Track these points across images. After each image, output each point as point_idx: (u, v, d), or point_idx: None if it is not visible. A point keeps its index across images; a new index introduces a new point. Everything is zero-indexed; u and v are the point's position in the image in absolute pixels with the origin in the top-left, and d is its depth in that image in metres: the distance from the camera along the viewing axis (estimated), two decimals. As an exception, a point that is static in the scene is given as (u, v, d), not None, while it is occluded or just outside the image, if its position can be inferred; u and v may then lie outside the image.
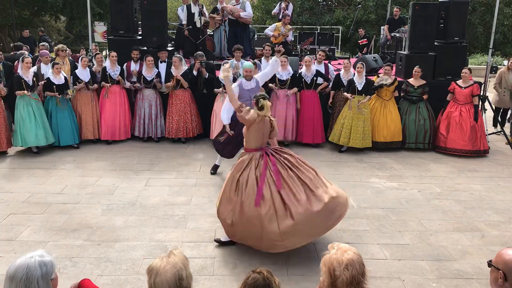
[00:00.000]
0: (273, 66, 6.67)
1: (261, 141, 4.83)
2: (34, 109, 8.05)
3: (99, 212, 5.79)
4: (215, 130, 8.75)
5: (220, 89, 8.49)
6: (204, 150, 8.62)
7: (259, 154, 4.76)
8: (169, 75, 8.88)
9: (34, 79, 8.09)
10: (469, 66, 9.68)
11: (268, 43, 9.80)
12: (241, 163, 4.77)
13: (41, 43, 10.27)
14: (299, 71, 9.12)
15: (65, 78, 8.48)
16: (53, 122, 8.35)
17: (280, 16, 11.99)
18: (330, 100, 9.07)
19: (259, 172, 4.61)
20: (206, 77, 8.90)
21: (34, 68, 8.55)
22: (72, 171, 7.31)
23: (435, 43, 9.93)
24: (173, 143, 9.05)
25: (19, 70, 8.08)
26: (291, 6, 12.52)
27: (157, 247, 4.91)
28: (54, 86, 8.26)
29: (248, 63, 6.89)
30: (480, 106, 8.89)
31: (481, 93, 8.98)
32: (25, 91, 7.85)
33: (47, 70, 8.73)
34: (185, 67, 9.05)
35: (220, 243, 4.99)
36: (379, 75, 9.11)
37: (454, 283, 4.37)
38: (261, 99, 4.68)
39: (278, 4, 12.44)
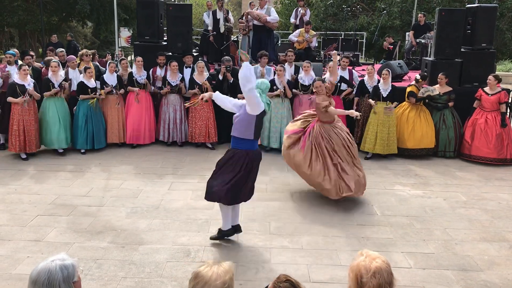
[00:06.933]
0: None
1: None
2: (59, 111, 8.27)
3: (123, 215, 5.87)
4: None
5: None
6: (227, 155, 8.64)
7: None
8: (192, 81, 8.96)
9: (63, 82, 8.31)
10: (497, 73, 9.49)
11: (291, 49, 9.82)
12: None
13: (59, 49, 10.43)
14: (323, 77, 9.08)
15: (97, 82, 8.68)
16: (89, 126, 8.54)
17: (298, 22, 11.98)
18: (355, 107, 9.02)
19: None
20: (231, 81, 8.96)
21: (62, 73, 8.74)
22: (97, 174, 7.43)
23: (462, 50, 9.77)
24: (196, 147, 9.12)
25: (49, 74, 8.30)
26: (308, 12, 12.52)
27: (180, 251, 4.94)
28: (89, 90, 8.47)
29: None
30: (508, 113, 8.71)
31: (509, 100, 8.80)
32: (54, 90, 8.11)
33: (74, 75, 8.93)
34: (206, 73, 9.12)
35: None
36: (419, 85, 8.78)
37: (481, 294, 4.29)
38: None
39: (295, 11, 12.43)
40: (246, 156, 4.88)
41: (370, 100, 8.52)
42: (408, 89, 8.75)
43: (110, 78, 8.87)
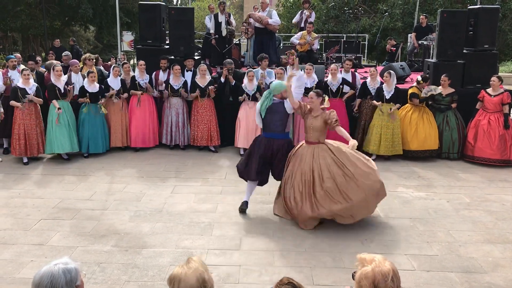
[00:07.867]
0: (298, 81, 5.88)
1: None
2: (67, 116, 8.29)
3: (126, 218, 5.88)
4: (239, 138, 8.81)
5: (243, 96, 8.61)
6: (230, 157, 8.66)
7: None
8: (194, 84, 8.97)
9: (66, 86, 8.34)
10: (499, 74, 9.48)
11: (292, 52, 9.82)
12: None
13: (64, 53, 10.48)
14: (325, 80, 9.10)
15: (100, 87, 8.68)
16: (85, 130, 8.54)
17: (302, 24, 11.99)
18: (356, 108, 9.01)
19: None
20: (233, 84, 8.97)
21: (65, 77, 8.77)
22: (101, 178, 7.45)
23: (464, 51, 9.76)
24: (199, 150, 9.13)
25: (52, 79, 8.33)
26: (313, 14, 12.54)
27: (183, 254, 4.94)
28: (88, 94, 8.47)
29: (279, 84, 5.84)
30: (510, 114, 8.69)
31: (512, 102, 8.78)
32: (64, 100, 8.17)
33: (77, 79, 8.95)
34: (208, 76, 9.14)
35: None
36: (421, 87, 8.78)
37: (485, 296, 4.27)
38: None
39: (299, 13, 12.43)
40: (255, 141, 6.08)
41: (375, 101, 8.52)
42: (410, 91, 8.75)
43: (114, 82, 8.89)
